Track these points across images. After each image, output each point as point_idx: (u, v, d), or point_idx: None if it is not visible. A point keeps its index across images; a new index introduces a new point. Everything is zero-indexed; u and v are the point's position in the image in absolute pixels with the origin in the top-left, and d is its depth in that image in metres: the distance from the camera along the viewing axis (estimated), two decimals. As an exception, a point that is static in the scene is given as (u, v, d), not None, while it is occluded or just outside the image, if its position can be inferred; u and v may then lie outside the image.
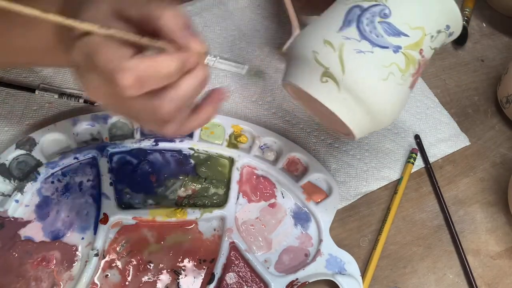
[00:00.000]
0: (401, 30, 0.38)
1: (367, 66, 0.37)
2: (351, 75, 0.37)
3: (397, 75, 0.37)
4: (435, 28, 0.39)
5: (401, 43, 0.37)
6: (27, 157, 0.50)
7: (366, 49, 0.37)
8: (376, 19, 0.37)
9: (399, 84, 0.38)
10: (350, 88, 0.37)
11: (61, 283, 0.45)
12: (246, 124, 0.55)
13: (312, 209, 0.52)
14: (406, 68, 0.38)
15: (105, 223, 0.47)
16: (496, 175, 0.59)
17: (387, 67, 0.37)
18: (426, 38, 0.39)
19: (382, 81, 0.37)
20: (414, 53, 0.38)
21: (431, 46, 0.40)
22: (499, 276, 0.53)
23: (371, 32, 0.37)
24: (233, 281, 0.47)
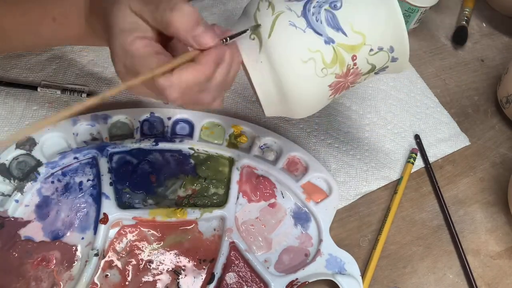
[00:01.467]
0: (341, 27, 0.37)
1: (292, 40, 0.37)
2: (274, 41, 0.37)
3: (318, 65, 0.37)
4: (377, 43, 0.38)
5: (335, 38, 0.37)
6: (27, 157, 0.50)
7: (300, 25, 0.37)
8: (325, 5, 0.37)
9: (317, 75, 0.37)
10: (269, 53, 0.37)
11: (61, 283, 0.45)
12: (246, 124, 0.55)
13: (312, 209, 0.52)
14: (331, 64, 0.37)
15: (105, 223, 0.47)
16: (496, 175, 0.59)
17: (311, 52, 0.37)
18: (365, 48, 0.38)
19: (301, 61, 0.37)
20: (346, 55, 0.37)
21: (368, 60, 0.39)
22: (499, 276, 0.53)
23: (313, 15, 0.37)
24: (233, 281, 0.47)
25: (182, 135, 0.54)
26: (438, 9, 0.73)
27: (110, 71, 0.58)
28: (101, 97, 0.31)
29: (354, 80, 0.40)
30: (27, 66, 0.57)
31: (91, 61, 0.58)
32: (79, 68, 0.58)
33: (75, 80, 0.57)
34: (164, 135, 0.53)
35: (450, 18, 0.73)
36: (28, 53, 0.57)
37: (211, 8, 0.66)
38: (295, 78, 0.37)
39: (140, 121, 0.53)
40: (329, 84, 0.38)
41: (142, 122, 0.53)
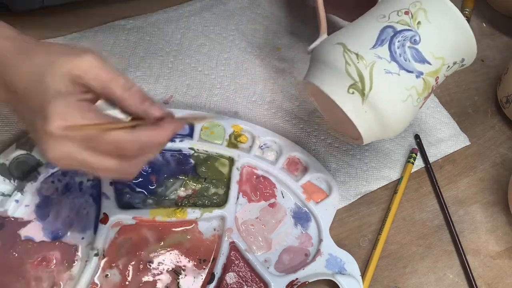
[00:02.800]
0: (426, 58, 0.41)
1: (392, 87, 0.40)
2: (377, 92, 0.40)
3: (414, 97, 0.41)
4: (453, 60, 0.42)
5: (423, 70, 0.41)
6: (27, 157, 0.49)
7: (394, 70, 0.40)
8: (407, 43, 0.40)
9: (414, 105, 0.42)
10: (374, 104, 0.40)
11: (61, 283, 0.45)
12: (246, 124, 0.55)
13: (312, 209, 0.52)
14: (423, 92, 0.41)
15: (105, 223, 0.47)
16: (496, 175, 0.59)
17: (408, 90, 0.40)
18: (444, 67, 0.42)
19: (402, 102, 0.40)
20: (431, 80, 0.41)
21: (445, 74, 0.43)
22: (499, 276, 0.53)
23: (400, 55, 0.40)
24: (233, 281, 0.47)
25: (182, 135, 0.54)
26: (438, 9, 0.73)
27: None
28: None
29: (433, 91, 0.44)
30: (27, 66, 0.56)
31: (91, 61, 0.58)
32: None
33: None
34: (164, 135, 0.53)
35: (450, 18, 0.73)
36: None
37: (211, 8, 0.66)
38: (398, 116, 0.41)
39: (140, 121, 0.53)
40: (420, 106, 0.43)
41: (142, 122, 0.53)
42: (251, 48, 0.63)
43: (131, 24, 0.62)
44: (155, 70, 0.59)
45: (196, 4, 0.65)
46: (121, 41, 0.60)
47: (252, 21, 0.66)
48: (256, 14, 0.66)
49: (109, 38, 0.60)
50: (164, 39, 0.62)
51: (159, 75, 0.59)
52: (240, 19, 0.65)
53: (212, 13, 0.65)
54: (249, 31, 0.65)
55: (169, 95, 0.58)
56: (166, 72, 0.59)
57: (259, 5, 0.67)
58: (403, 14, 0.41)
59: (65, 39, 0.59)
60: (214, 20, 0.65)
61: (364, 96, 0.40)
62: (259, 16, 0.66)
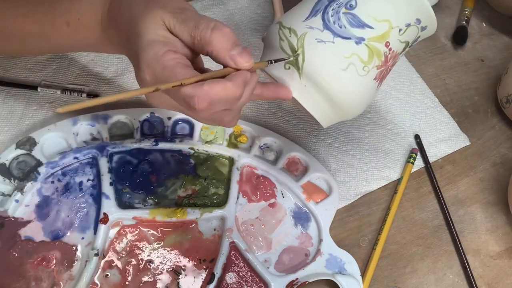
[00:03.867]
0: (365, 22, 0.38)
1: (326, 55, 0.37)
2: (310, 63, 0.37)
3: (359, 66, 0.38)
4: (403, 22, 0.39)
5: (364, 35, 0.38)
6: (27, 157, 0.50)
7: (327, 39, 0.37)
8: (342, 9, 0.38)
9: (360, 75, 0.38)
10: (310, 75, 0.38)
11: (61, 283, 0.45)
12: (246, 124, 0.55)
13: (312, 209, 0.52)
14: (369, 60, 0.38)
15: (105, 223, 0.47)
16: (496, 175, 0.59)
17: (348, 58, 0.37)
18: (394, 31, 0.39)
19: (341, 71, 0.37)
20: (379, 45, 0.38)
21: (401, 40, 0.40)
22: (499, 276, 0.53)
23: (334, 23, 0.38)
24: (233, 281, 0.47)
25: (182, 135, 0.54)
26: (438, 9, 0.73)
27: (110, 71, 0.58)
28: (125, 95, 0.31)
29: (394, 62, 0.41)
30: (27, 66, 0.57)
31: (91, 61, 0.58)
32: (79, 68, 0.58)
33: (75, 80, 0.57)
34: (164, 135, 0.53)
35: (450, 18, 0.73)
36: (28, 53, 0.57)
37: (211, 8, 0.66)
38: (342, 87, 0.38)
39: (140, 121, 0.53)
40: (374, 78, 0.39)
41: (142, 122, 0.53)
42: (251, 48, 0.63)
43: (131, 24, 0.62)
44: (155, 70, 0.59)
45: (196, 4, 0.65)
46: (121, 41, 0.60)
47: (252, 21, 0.66)
48: (256, 14, 0.66)
49: (109, 38, 0.60)
50: (164, 39, 0.62)
51: (159, 75, 0.59)
52: (240, 19, 0.65)
53: (212, 13, 0.65)
54: (249, 31, 0.65)
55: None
56: (166, 72, 0.59)
57: (259, 5, 0.67)
58: None
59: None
60: (214, 20, 0.65)
61: (299, 70, 0.38)
62: (259, 16, 0.66)
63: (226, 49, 0.34)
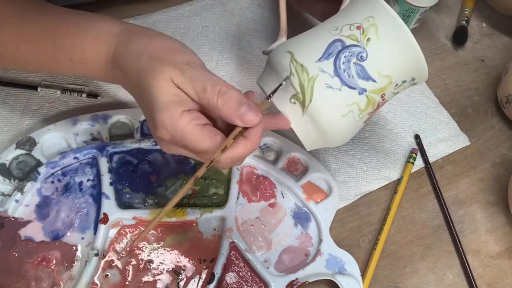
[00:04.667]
0: (371, 76, 0.40)
1: (332, 101, 0.39)
2: (316, 106, 0.39)
3: (356, 113, 0.40)
4: (401, 79, 0.41)
5: (367, 87, 0.40)
6: (27, 157, 0.50)
7: (335, 86, 0.39)
8: (353, 59, 0.40)
9: (355, 120, 0.41)
10: (313, 116, 0.40)
11: (61, 283, 0.45)
12: (246, 124, 0.55)
13: (312, 209, 0.52)
14: (365, 108, 0.41)
15: (105, 223, 0.47)
16: (496, 175, 0.59)
17: (349, 106, 0.40)
18: (391, 85, 0.41)
19: (341, 117, 0.40)
20: (376, 97, 0.41)
21: (393, 92, 0.42)
22: (499, 276, 0.53)
23: (344, 71, 0.39)
24: (233, 281, 0.47)
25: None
26: (438, 9, 0.73)
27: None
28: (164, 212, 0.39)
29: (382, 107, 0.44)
30: (27, 66, 0.57)
31: (91, 61, 0.58)
32: (79, 68, 0.58)
33: (75, 80, 0.57)
34: (164, 135, 0.53)
35: (450, 18, 0.73)
36: (28, 53, 0.57)
37: (211, 8, 0.66)
38: (337, 130, 0.41)
39: (140, 121, 0.53)
40: (364, 121, 0.42)
41: (142, 122, 0.53)
42: (251, 48, 0.63)
43: (131, 24, 0.62)
44: (155, 70, 0.59)
45: (196, 4, 0.65)
46: (121, 41, 0.60)
47: (252, 21, 0.66)
48: (256, 14, 0.66)
49: (109, 38, 0.60)
50: (164, 39, 0.62)
51: (159, 75, 0.59)
52: (240, 19, 0.65)
53: (212, 13, 0.65)
54: (249, 31, 0.65)
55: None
56: (166, 72, 0.59)
57: (259, 5, 0.67)
58: (355, 29, 0.40)
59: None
60: (214, 20, 0.65)
61: (304, 108, 0.40)
62: (259, 16, 0.66)
63: (234, 112, 0.36)
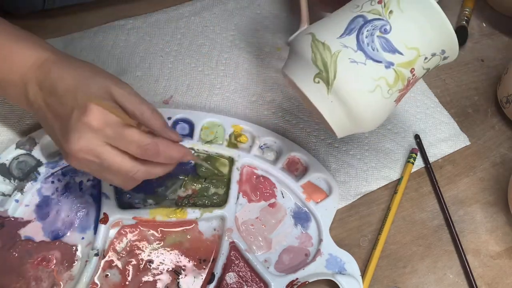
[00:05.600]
0: (397, 48, 0.39)
1: (357, 76, 0.39)
2: (341, 82, 0.39)
3: (384, 89, 0.39)
4: (430, 51, 0.40)
5: (394, 60, 0.39)
6: (27, 157, 0.50)
7: (360, 60, 0.38)
8: (376, 32, 0.39)
9: (384, 97, 0.40)
10: (338, 93, 0.39)
11: (61, 283, 0.45)
12: (246, 124, 0.55)
13: (312, 209, 0.52)
14: (394, 84, 0.40)
15: (105, 223, 0.47)
16: (496, 175, 0.59)
17: (376, 80, 0.39)
18: (420, 59, 0.40)
19: (369, 92, 0.39)
20: (405, 71, 0.40)
21: (424, 67, 0.41)
22: (499, 276, 0.53)
23: (368, 45, 0.39)
24: (233, 281, 0.47)
25: (182, 135, 0.54)
26: (438, 9, 0.73)
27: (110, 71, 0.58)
28: None
29: (413, 85, 0.42)
30: (27, 66, 0.56)
31: (91, 61, 0.58)
32: (79, 68, 0.58)
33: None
34: (164, 135, 0.53)
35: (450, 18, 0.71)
36: (28, 53, 0.57)
37: (211, 8, 0.66)
38: (365, 107, 0.40)
39: (140, 121, 0.53)
40: (394, 100, 0.41)
41: (142, 122, 0.53)
42: (251, 48, 0.63)
43: (131, 24, 0.62)
44: (155, 70, 0.59)
45: (196, 4, 0.65)
46: (121, 41, 0.60)
47: (252, 21, 0.66)
48: (256, 14, 0.66)
49: (109, 38, 0.60)
50: (164, 39, 0.62)
51: (159, 75, 0.59)
52: (240, 19, 0.65)
53: (212, 13, 0.65)
54: (249, 31, 0.65)
55: (169, 95, 0.58)
56: (166, 72, 0.59)
57: (259, 5, 0.67)
58: (376, 4, 0.40)
59: (65, 39, 0.59)
60: (214, 20, 0.65)
61: (329, 86, 0.39)
62: (259, 16, 0.66)
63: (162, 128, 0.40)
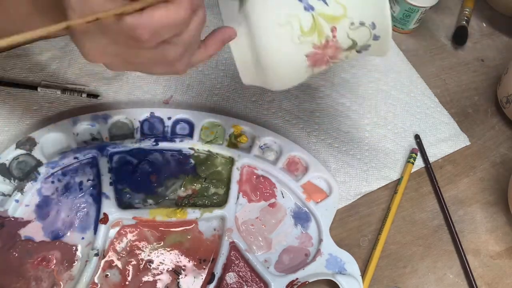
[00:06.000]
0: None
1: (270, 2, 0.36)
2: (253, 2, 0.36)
3: (296, 31, 0.36)
4: (358, 17, 0.37)
5: (315, 6, 0.36)
6: (27, 157, 0.50)
7: None
8: None
9: (293, 41, 0.36)
10: (247, 13, 0.36)
11: (61, 283, 0.45)
12: (246, 124, 0.55)
13: (312, 209, 0.52)
14: (309, 32, 0.36)
15: (105, 223, 0.47)
16: (496, 175, 0.59)
17: (289, 16, 0.36)
18: (345, 20, 0.37)
19: (277, 24, 0.36)
20: (325, 25, 0.36)
21: (349, 34, 0.37)
22: (499, 276, 0.53)
23: None
24: (233, 281, 0.47)
25: (182, 135, 0.54)
26: (438, 9, 0.73)
27: (110, 71, 0.58)
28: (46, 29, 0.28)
29: (334, 55, 0.39)
30: (27, 66, 0.57)
31: (91, 61, 0.58)
32: (79, 68, 0.58)
33: (75, 80, 0.57)
34: (164, 135, 0.53)
35: (450, 18, 0.73)
36: (28, 53, 0.57)
37: (211, 8, 0.66)
38: (269, 41, 0.36)
39: (140, 121, 0.53)
40: (306, 54, 0.37)
41: (142, 122, 0.53)
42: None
43: (131, 24, 0.62)
44: (155, 70, 0.59)
45: (196, 4, 0.65)
46: (121, 41, 0.60)
47: (252, 21, 0.65)
48: (256, 14, 0.66)
49: (109, 38, 0.60)
50: (164, 39, 0.62)
51: (159, 75, 0.59)
52: (240, 19, 0.65)
53: (212, 13, 0.65)
54: (249, 31, 0.65)
55: (169, 95, 0.58)
56: (166, 72, 0.59)
57: (259, 5, 0.67)
58: None
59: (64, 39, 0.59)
60: (214, 20, 0.65)
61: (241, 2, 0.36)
62: (259, 16, 0.66)
63: None
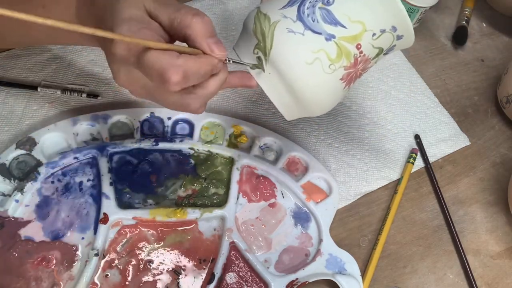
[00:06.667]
0: (339, 20, 0.37)
1: (293, 46, 0.37)
2: (277, 51, 0.37)
3: (325, 62, 0.37)
4: (378, 26, 0.38)
5: (335, 33, 0.37)
6: (27, 157, 0.50)
7: (297, 30, 0.37)
8: (318, 4, 0.38)
9: (325, 72, 0.38)
10: (275, 63, 0.37)
11: (61, 283, 0.45)
12: (246, 124, 0.55)
13: (312, 209, 0.52)
14: (337, 59, 0.38)
15: (105, 223, 0.47)
16: (496, 175, 0.59)
17: (315, 53, 0.37)
18: (367, 34, 0.38)
19: (306, 64, 0.37)
20: (349, 46, 0.38)
21: (373, 45, 0.39)
22: (499, 276, 0.53)
23: (308, 16, 0.37)
24: (233, 281, 0.47)
25: (182, 135, 0.54)
26: (438, 9, 0.73)
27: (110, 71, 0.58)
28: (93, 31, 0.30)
29: (365, 66, 0.40)
30: (27, 66, 0.57)
31: (91, 61, 0.58)
32: (79, 68, 0.58)
33: (75, 80, 0.57)
34: (164, 135, 0.53)
35: (450, 18, 0.73)
36: (28, 53, 0.57)
37: (211, 8, 0.66)
38: (304, 81, 0.38)
39: (140, 121, 0.53)
40: (340, 78, 0.38)
41: (142, 122, 0.53)
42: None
43: (131, 24, 0.62)
44: (155, 70, 0.59)
45: (196, 4, 0.65)
46: (121, 41, 0.60)
47: (252, 21, 0.66)
48: (256, 14, 0.66)
49: (109, 38, 0.60)
50: (164, 39, 0.62)
51: (159, 75, 0.59)
52: (240, 19, 0.65)
53: (212, 13, 0.65)
54: (249, 31, 0.65)
55: (169, 95, 0.58)
56: (166, 72, 0.59)
57: (259, 5, 0.67)
58: None
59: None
60: (214, 20, 0.65)
61: (266, 56, 0.38)
62: (259, 16, 0.66)
63: (204, 35, 0.35)
